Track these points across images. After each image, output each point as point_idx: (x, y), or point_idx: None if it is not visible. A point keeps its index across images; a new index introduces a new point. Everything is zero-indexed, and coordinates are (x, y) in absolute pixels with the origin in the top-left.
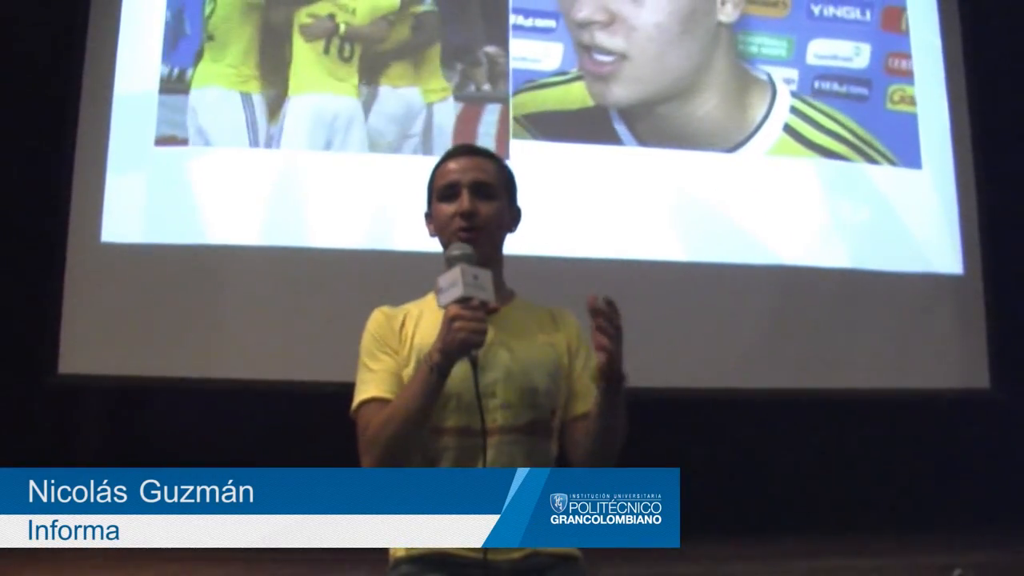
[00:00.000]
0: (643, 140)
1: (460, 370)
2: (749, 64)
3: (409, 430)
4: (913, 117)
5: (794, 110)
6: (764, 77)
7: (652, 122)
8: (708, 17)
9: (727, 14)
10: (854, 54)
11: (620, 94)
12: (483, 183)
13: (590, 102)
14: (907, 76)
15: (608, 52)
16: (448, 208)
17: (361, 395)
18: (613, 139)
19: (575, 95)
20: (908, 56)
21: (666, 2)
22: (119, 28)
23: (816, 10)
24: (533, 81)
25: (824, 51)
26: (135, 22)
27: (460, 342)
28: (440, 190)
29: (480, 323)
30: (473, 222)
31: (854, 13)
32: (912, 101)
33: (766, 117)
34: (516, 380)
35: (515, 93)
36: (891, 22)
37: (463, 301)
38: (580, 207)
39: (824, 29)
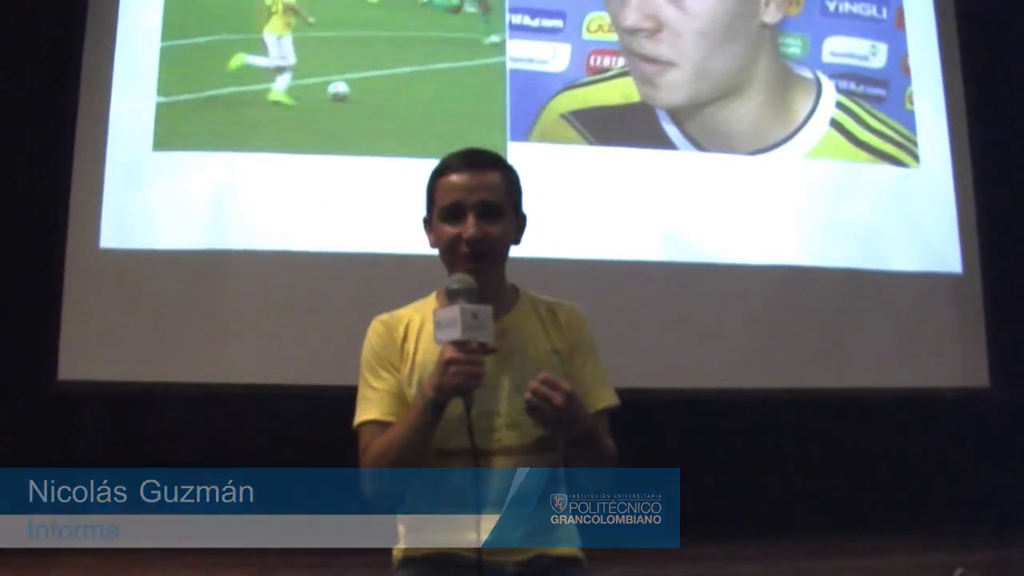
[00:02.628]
0: (693, 139)
1: None
2: (791, 62)
3: (405, 461)
4: None
5: (840, 106)
6: (809, 75)
7: (700, 121)
8: (752, 20)
9: (770, 15)
10: (870, 53)
11: (667, 97)
12: (489, 203)
13: (635, 98)
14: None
15: (655, 59)
16: (452, 230)
17: (362, 415)
18: (660, 139)
19: (618, 91)
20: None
21: (709, 8)
22: (117, 29)
23: (831, 6)
24: (575, 81)
25: (840, 49)
26: (133, 25)
27: (455, 387)
28: (443, 209)
29: (476, 367)
30: (479, 248)
31: (870, 10)
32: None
33: (811, 113)
34: (520, 398)
35: (560, 92)
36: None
37: (461, 343)
38: (588, 209)
39: (839, 27)
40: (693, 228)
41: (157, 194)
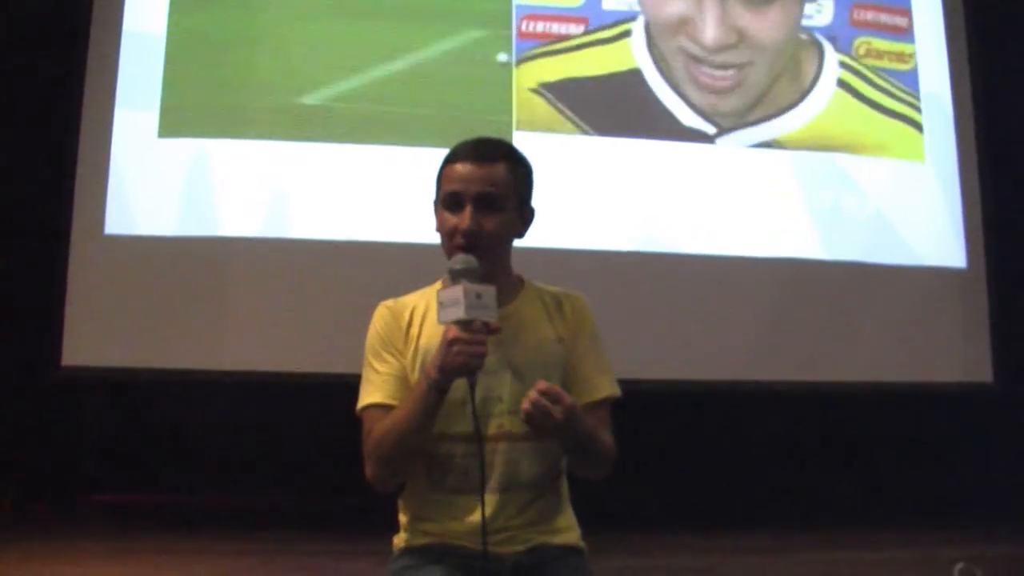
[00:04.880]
0: (701, 111)
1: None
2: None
3: (408, 443)
4: (890, 71)
5: (844, 66)
6: (806, 37)
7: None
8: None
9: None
10: (815, 11)
11: (735, 104)
12: (488, 195)
13: (616, 68)
14: (875, 28)
15: (731, 67)
16: (451, 218)
17: (365, 398)
18: (660, 120)
19: (595, 61)
20: (877, 8)
21: (786, 11)
22: (123, 14)
23: None
24: (549, 44)
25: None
26: (140, 11)
27: (459, 366)
28: (445, 196)
29: (480, 347)
30: (474, 240)
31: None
32: (879, 55)
33: (818, 75)
34: (523, 384)
35: (531, 58)
36: None
37: (464, 323)
38: (587, 199)
39: None
40: (696, 220)
41: (162, 181)
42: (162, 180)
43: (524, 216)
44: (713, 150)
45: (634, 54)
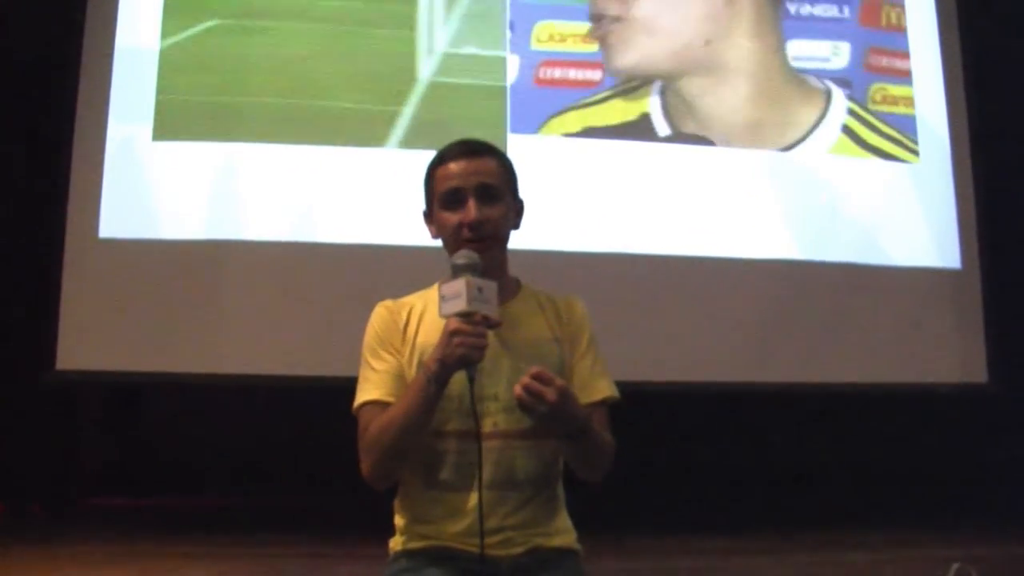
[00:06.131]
0: (684, 133)
1: (462, 374)
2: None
3: (407, 437)
4: (896, 116)
5: (852, 113)
6: (818, 84)
7: (685, 109)
8: None
9: None
10: (832, 53)
11: (620, 59)
12: (487, 186)
13: (631, 116)
14: (889, 74)
15: (601, 15)
16: (453, 217)
17: (362, 396)
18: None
19: (616, 111)
20: (891, 52)
21: None
22: (117, 19)
23: (792, 9)
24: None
25: (800, 53)
26: (134, 15)
27: (459, 358)
28: (442, 196)
29: (480, 339)
30: (482, 232)
31: (831, 11)
32: (894, 100)
33: (820, 121)
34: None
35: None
36: (870, 18)
37: (466, 315)
38: (586, 202)
39: (800, 30)
40: (692, 222)
41: (157, 184)
42: (156, 184)
43: (517, 207)
44: (705, 151)
45: (649, 101)
